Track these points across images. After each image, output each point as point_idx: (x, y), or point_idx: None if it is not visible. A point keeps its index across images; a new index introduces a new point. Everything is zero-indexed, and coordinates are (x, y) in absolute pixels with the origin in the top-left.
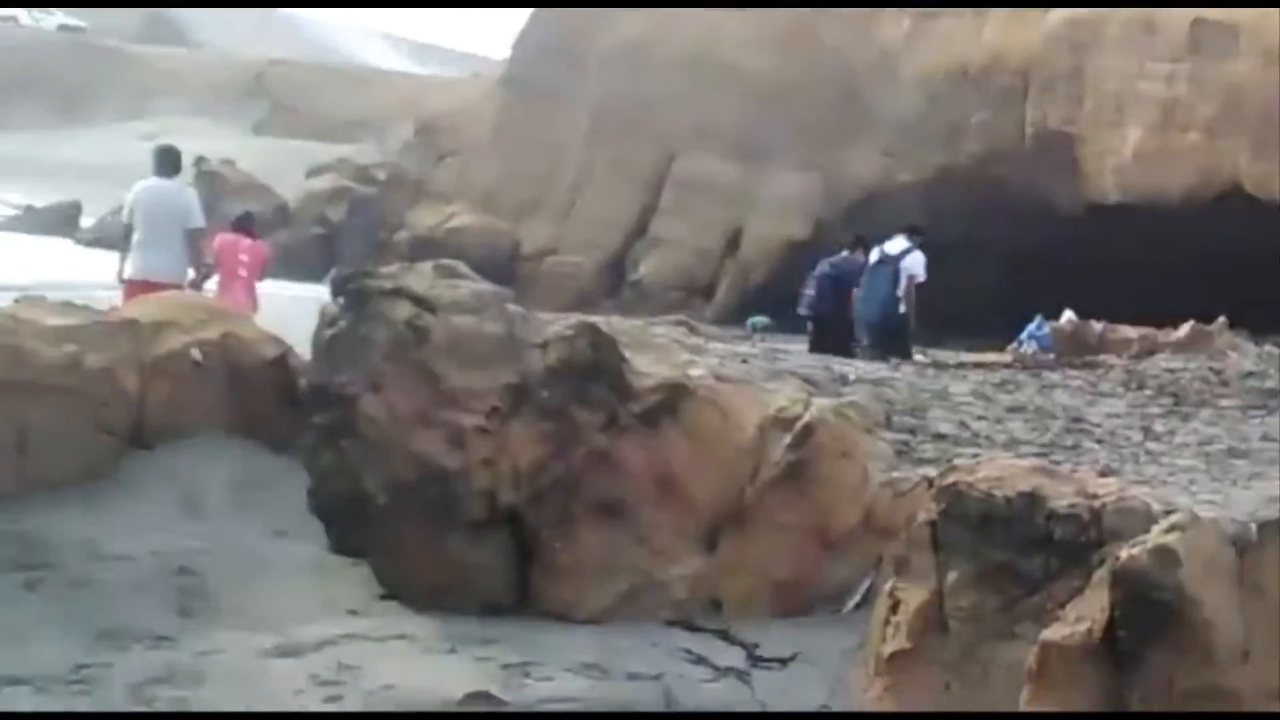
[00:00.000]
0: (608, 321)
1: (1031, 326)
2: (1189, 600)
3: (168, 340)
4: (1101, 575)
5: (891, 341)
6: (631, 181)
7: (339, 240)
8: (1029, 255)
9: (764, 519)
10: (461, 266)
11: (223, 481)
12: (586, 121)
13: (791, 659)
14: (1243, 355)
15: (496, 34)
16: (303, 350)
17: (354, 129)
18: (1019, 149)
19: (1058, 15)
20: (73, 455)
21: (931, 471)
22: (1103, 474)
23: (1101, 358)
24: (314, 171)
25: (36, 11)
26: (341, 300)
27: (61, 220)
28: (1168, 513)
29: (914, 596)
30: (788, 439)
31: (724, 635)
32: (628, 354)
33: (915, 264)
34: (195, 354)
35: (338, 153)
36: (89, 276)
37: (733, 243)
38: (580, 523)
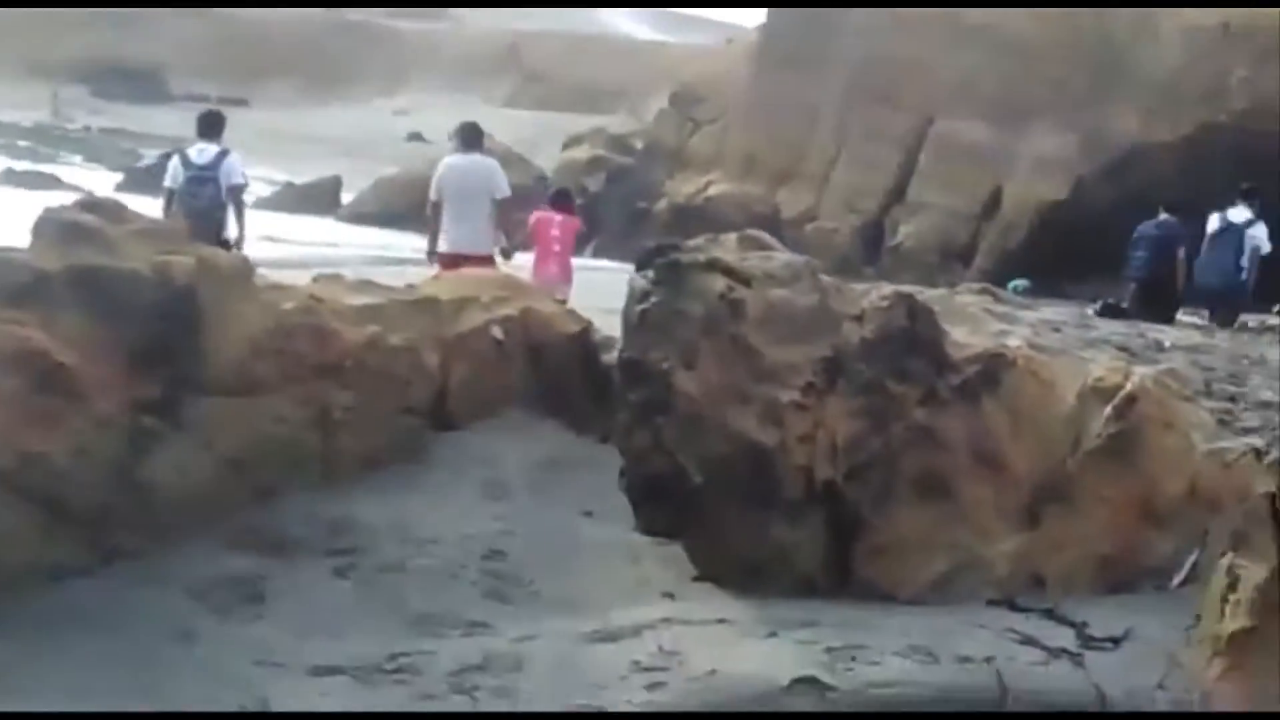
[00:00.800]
0: (920, 291)
1: None
2: None
3: (468, 318)
4: None
5: (1229, 310)
6: (889, 145)
7: (598, 209)
8: None
9: (1087, 492)
10: (766, 237)
11: (527, 462)
12: (843, 85)
13: (1124, 638)
14: None
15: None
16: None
17: (608, 99)
18: None
19: None
20: (377, 437)
21: (1258, 441)
22: None
23: None
24: (571, 142)
25: None
26: (651, 274)
27: (322, 196)
28: None
29: (1254, 573)
30: (1109, 409)
31: (1050, 614)
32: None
33: (1260, 235)
34: (496, 331)
35: (592, 123)
36: (352, 251)
37: (991, 205)
38: (900, 500)
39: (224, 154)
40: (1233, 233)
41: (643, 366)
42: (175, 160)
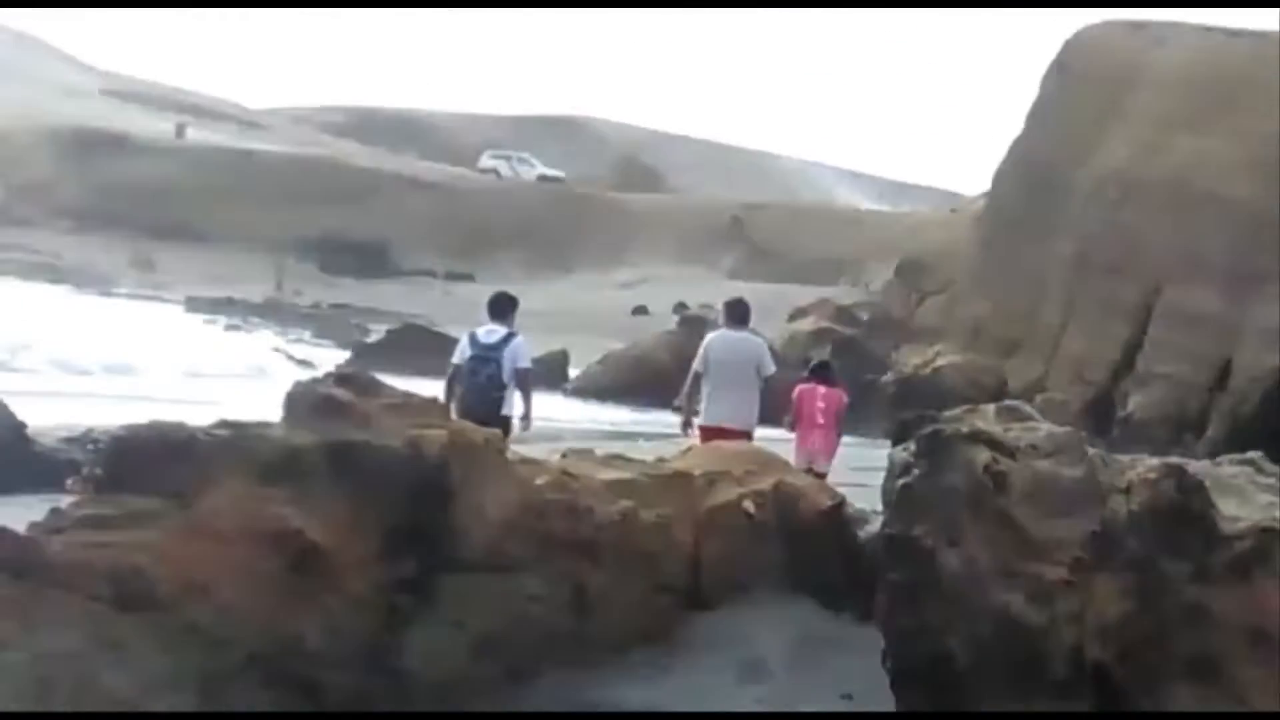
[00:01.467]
0: (1186, 463)
1: None
2: None
3: (720, 492)
4: None
5: None
6: (1118, 314)
7: None
8: None
9: None
10: (1025, 407)
11: (784, 642)
12: (1070, 254)
13: None
14: None
15: (967, 169)
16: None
17: (830, 269)
18: None
19: None
20: (632, 616)
21: None
22: None
23: None
24: (796, 313)
25: (515, 163)
26: (913, 446)
27: (550, 370)
28: None
29: None
30: None
31: None
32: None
33: None
34: (748, 506)
35: (815, 294)
36: (587, 425)
37: (1222, 376)
38: (1171, 681)
39: (510, 336)
40: None
41: (906, 543)
42: (465, 339)
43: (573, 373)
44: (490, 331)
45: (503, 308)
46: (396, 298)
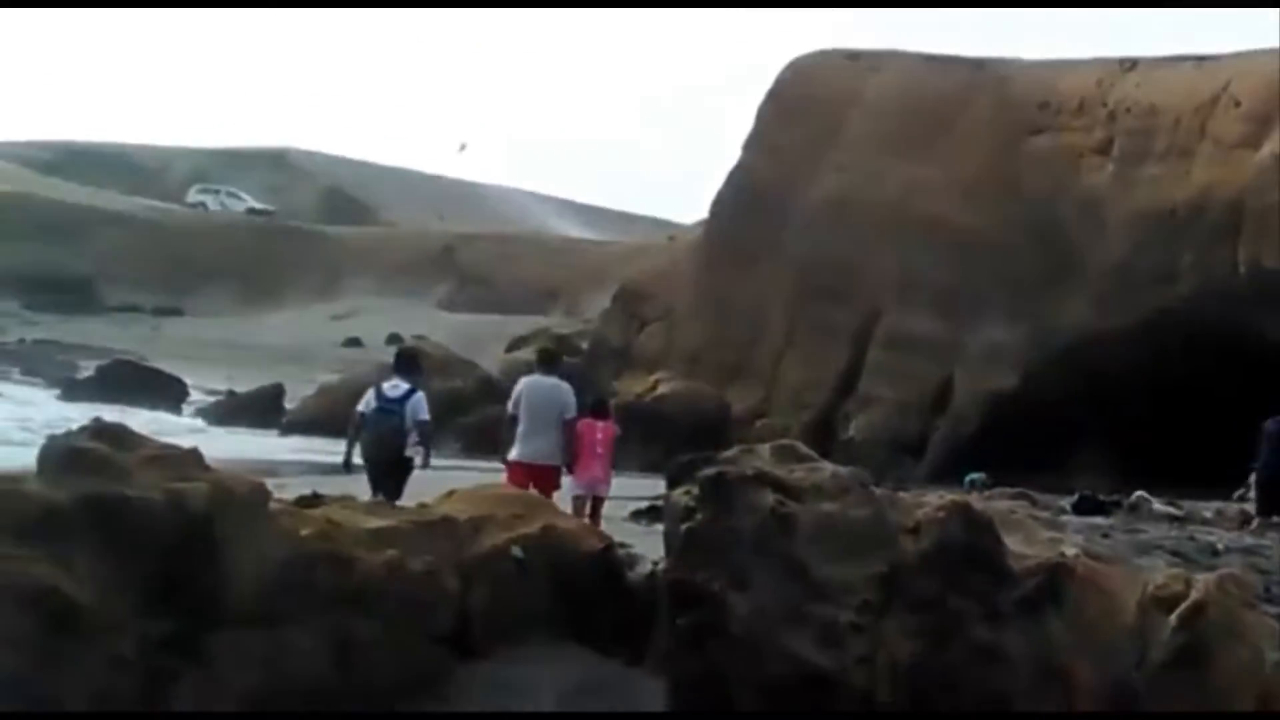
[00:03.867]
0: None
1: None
2: None
3: (487, 537)
4: None
5: None
6: (837, 339)
7: None
8: (1247, 395)
9: (1154, 707)
10: (800, 446)
11: (557, 691)
12: (789, 280)
13: None
14: None
15: (683, 198)
16: None
17: (543, 298)
18: (1231, 287)
19: (1268, 151)
20: (401, 667)
21: None
22: None
23: None
24: (515, 342)
25: (223, 196)
26: (695, 490)
27: (264, 405)
28: None
29: None
30: (1174, 620)
31: None
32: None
33: None
34: (516, 551)
35: (530, 324)
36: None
37: (941, 398)
38: None
39: (412, 391)
40: None
41: (691, 588)
42: (371, 392)
43: (288, 406)
44: (395, 386)
45: (408, 364)
46: (104, 334)
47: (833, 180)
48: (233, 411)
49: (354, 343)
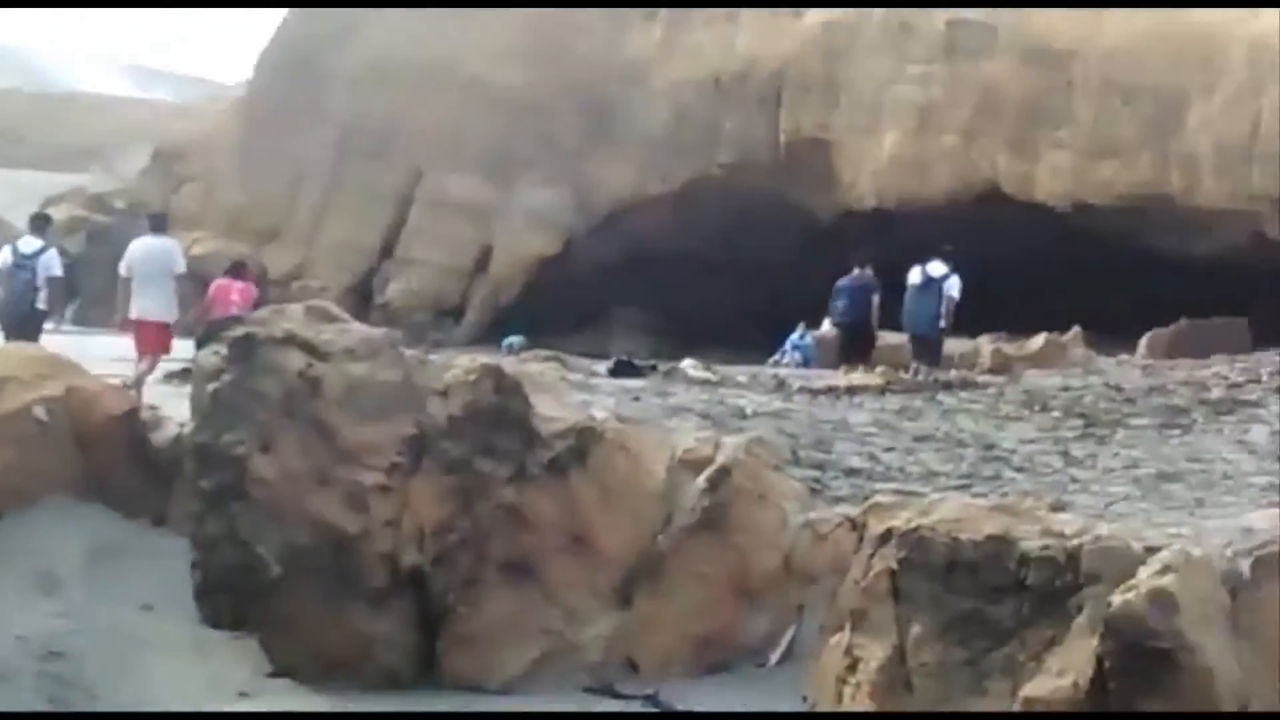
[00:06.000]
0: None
1: (794, 336)
2: (1188, 647)
3: (9, 398)
4: (1083, 622)
5: (934, 351)
6: (378, 201)
7: (78, 272)
8: (787, 264)
9: (680, 569)
10: (334, 308)
11: (78, 552)
12: (331, 140)
13: None
14: (1095, 367)
15: (229, 57)
16: None
17: (85, 157)
18: (773, 157)
19: (812, 19)
20: None
21: (851, 510)
22: (1055, 508)
23: (979, 376)
24: (48, 202)
25: None
26: (220, 350)
27: None
28: (1149, 550)
29: (874, 653)
30: (701, 482)
31: (651, 700)
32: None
33: (954, 287)
34: (39, 412)
35: (70, 182)
36: None
37: (482, 260)
38: (488, 585)
39: (45, 249)
40: (933, 284)
41: (216, 450)
42: (7, 248)
43: None
44: (28, 243)
45: (41, 225)
46: None
47: (376, 40)
48: None
49: None
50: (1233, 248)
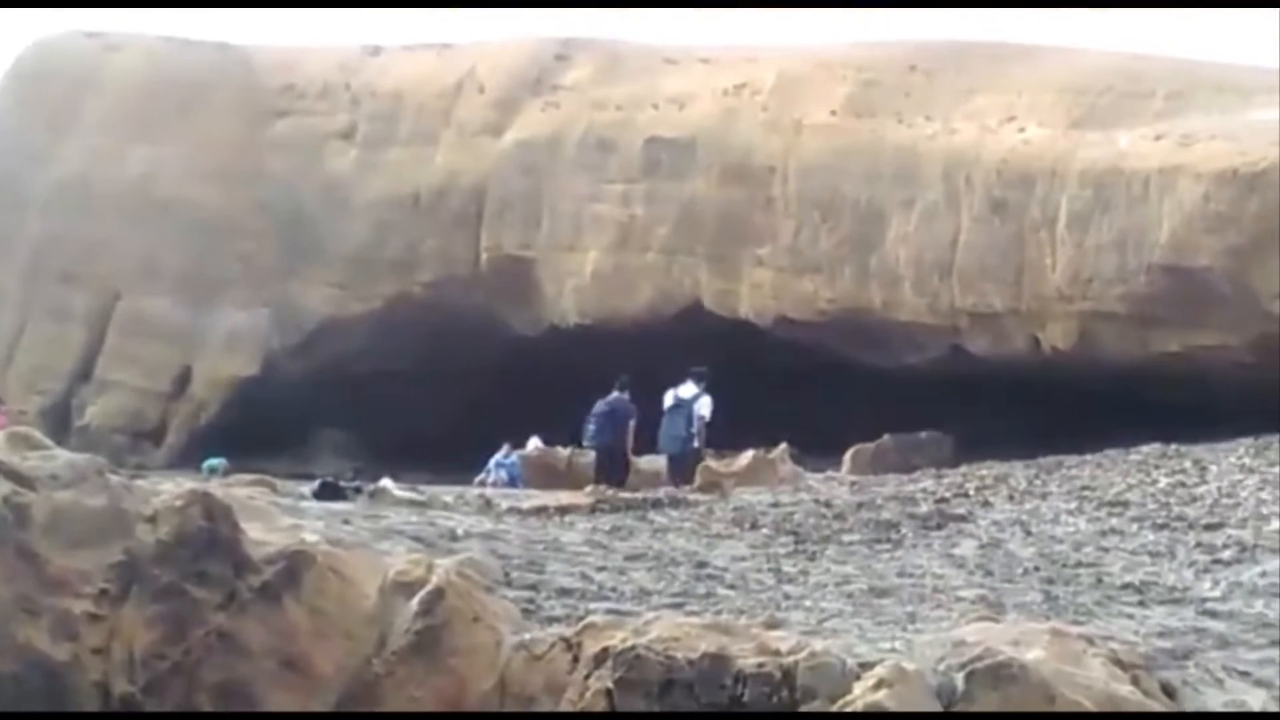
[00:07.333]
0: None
1: (499, 455)
2: None
3: None
4: None
5: (687, 470)
6: (74, 322)
7: None
8: (490, 381)
9: (394, 692)
10: (35, 433)
11: None
12: (25, 262)
13: None
14: (803, 484)
15: None
16: None
17: None
18: (474, 274)
19: (510, 138)
20: None
21: (565, 630)
22: (770, 626)
23: (690, 494)
24: None
25: None
26: None
27: None
28: (864, 666)
29: None
30: (414, 605)
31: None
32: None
33: (705, 405)
34: None
35: None
36: None
37: (182, 382)
38: (200, 711)
39: None
40: (684, 407)
41: None
42: None
43: None
44: None
45: None
46: None
47: (73, 160)
48: None
49: None
50: (934, 360)
